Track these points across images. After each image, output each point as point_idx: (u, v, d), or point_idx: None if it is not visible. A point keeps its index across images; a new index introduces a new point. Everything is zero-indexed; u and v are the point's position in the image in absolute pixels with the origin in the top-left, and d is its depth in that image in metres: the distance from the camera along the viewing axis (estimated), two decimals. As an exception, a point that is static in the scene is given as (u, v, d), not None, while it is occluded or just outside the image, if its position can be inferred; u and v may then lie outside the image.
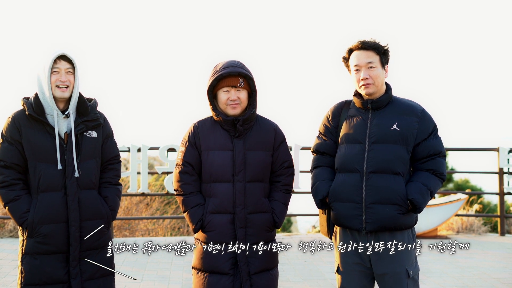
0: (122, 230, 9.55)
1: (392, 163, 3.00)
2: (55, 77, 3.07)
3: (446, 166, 3.52)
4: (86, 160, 3.15)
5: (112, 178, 3.30)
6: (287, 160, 3.23)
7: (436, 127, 3.09)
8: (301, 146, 7.90)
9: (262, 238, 3.13)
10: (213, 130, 3.13)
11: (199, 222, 3.09)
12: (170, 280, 5.59)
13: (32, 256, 3.07)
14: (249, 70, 3.13)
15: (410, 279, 3.04)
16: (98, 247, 3.18)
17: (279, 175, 3.22)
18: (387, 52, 3.08)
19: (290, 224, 14.88)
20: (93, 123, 3.19)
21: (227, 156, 3.08)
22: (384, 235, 3.03)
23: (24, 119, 3.09)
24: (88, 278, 3.14)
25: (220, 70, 3.06)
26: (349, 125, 3.11)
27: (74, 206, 3.08)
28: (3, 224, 8.01)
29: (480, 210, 9.67)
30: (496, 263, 6.52)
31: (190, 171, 3.13)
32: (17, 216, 3.07)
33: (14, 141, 3.07)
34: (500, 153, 8.38)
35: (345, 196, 3.05)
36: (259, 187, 3.13)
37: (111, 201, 3.25)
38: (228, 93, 3.08)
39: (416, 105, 3.11)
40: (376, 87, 3.05)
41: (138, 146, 7.89)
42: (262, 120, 3.22)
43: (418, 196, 2.98)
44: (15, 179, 3.08)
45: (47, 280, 3.07)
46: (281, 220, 3.20)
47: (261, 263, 3.12)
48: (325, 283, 5.54)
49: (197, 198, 3.13)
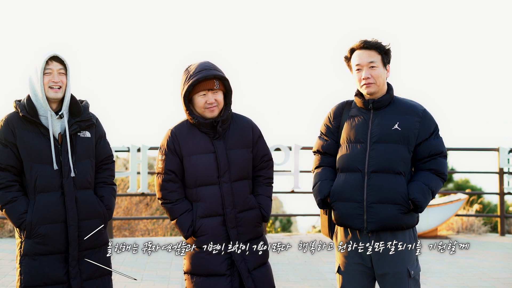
0: (122, 230, 9.55)
1: (393, 162, 2.99)
2: (47, 78, 3.07)
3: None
4: (81, 160, 3.16)
5: (107, 178, 3.31)
6: (266, 153, 3.27)
7: (437, 127, 3.09)
8: (301, 146, 7.90)
9: (253, 234, 3.15)
10: (192, 134, 3.11)
11: (190, 228, 3.07)
12: (170, 280, 5.59)
13: (31, 258, 3.07)
14: (221, 70, 3.12)
15: (411, 279, 3.04)
16: (96, 246, 3.19)
17: (260, 169, 3.24)
18: (389, 51, 3.08)
19: (290, 224, 14.89)
20: (86, 123, 3.20)
21: (209, 158, 3.07)
22: (386, 234, 3.03)
23: (18, 121, 3.10)
24: (87, 278, 3.14)
25: (195, 75, 3.02)
26: (351, 125, 3.11)
27: (72, 205, 3.09)
28: (3, 224, 8.00)
29: (480, 210, 9.66)
30: (496, 263, 6.51)
31: (174, 179, 3.09)
32: (15, 217, 3.06)
33: (9, 143, 3.08)
34: (500, 153, 8.38)
35: (346, 195, 3.05)
36: (245, 185, 3.14)
37: (107, 200, 3.26)
38: (205, 97, 3.05)
39: (418, 105, 3.11)
40: (377, 87, 3.05)
41: (138, 146, 7.88)
42: (237, 118, 3.22)
43: (420, 196, 2.97)
44: (11, 181, 3.08)
45: (47, 281, 3.06)
46: (269, 214, 3.22)
47: (258, 258, 3.14)
48: (325, 283, 5.53)
49: (184, 204, 3.10)
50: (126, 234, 9.61)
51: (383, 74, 3.05)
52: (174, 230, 10.17)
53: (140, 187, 7.92)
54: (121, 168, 12.84)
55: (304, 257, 6.65)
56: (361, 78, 3.05)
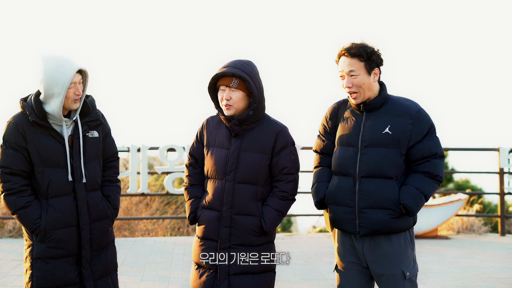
0: (122, 230, 9.55)
1: (384, 167, 2.97)
2: (71, 91, 3.00)
3: (446, 167, 3.50)
4: (90, 162, 3.14)
5: (112, 176, 3.31)
6: (287, 166, 3.11)
7: (432, 127, 3.03)
8: (301, 146, 7.90)
9: (247, 240, 3.08)
10: (218, 127, 3.18)
11: (191, 214, 3.19)
12: (170, 280, 5.59)
13: (43, 261, 3.06)
14: (250, 71, 3.06)
15: (407, 280, 3.03)
16: (105, 246, 3.22)
17: (277, 180, 3.13)
18: (373, 56, 2.98)
19: (290, 224, 14.87)
20: (95, 123, 3.17)
21: (222, 154, 3.11)
22: (379, 238, 3.02)
23: (28, 124, 3.02)
24: (98, 277, 3.17)
25: (218, 70, 3.08)
26: (344, 127, 3.10)
27: (85, 210, 3.09)
28: (3, 224, 8.00)
29: (480, 210, 9.65)
30: (497, 263, 6.51)
31: (194, 164, 3.24)
32: (29, 222, 3.02)
33: (20, 147, 3.01)
34: (501, 153, 8.38)
35: (339, 199, 3.05)
36: (250, 189, 3.08)
37: (113, 200, 3.27)
38: (223, 92, 3.09)
39: (412, 105, 3.05)
40: (361, 95, 3.01)
41: (138, 146, 7.89)
42: (268, 122, 3.15)
43: (410, 201, 2.95)
44: (23, 185, 3.03)
45: (59, 283, 3.07)
46: (270, 227, 3.09)
47: (244, 265, 3.08)
48: (325, 283, 5.53)
49: (196, 190, 3.22)
50: (126, 234, 9.61)
51: (366, 81, 2.98)
52: (174, 230, 10.17)
53: (140, 187, 7.93)
54: (121, 168, 12.84)
55: (304, 257, 6.65)
56: (343, 85, 3.04)
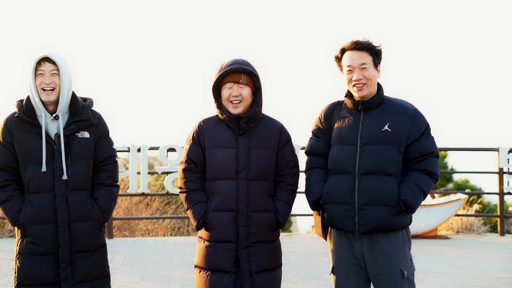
0: (122, 230, 9.55)
1: (384, 164, 2.99)
2: (39, 80, 3.05)
3: (446, 166, 3.53)
4: (77, 161, 3.13)
5: (105, 179, 3.25)
6: (292, 160, 3.23)
7: (428, 127, 3.07)
8: (301, 146, 7.90)
9: (265, 237, 3.13)
10: (218, 128, 3.15)
11: (201, 219, 3.11)
12: (170, 280, 5.59)
13: (24, 257, 3.09)
14: (255, 68, 3.15)
15: (405, 279, 3.04)
16: (90, 249, 3.16)
17: (283, 174, 3.21)
18: (380, 52, 3.06)
19: (290, 224, 14.88)
20: (85, 123, 3.15)
21: (231, 153, 3.09)
22: (378, 236, 3.03)
23: (16, 121, 3.11)
24: (79, 280, 3.11)
25: (226, 67, 3.09)
26: (341, 126, 3.10)
27: (62, 207, 3.08)
28: (3, 224, 8.01)
29: (480, 210, 9.67)
30: (496, 263, 6.52)
31: (193, 169, 3.15)
32: (10, 216, 3.10)
33: (6, 143, 3.11)
34: (500, 153, 8.38)
35: (337, 198, 3.05)
36: (262, 185, 3.13)
37: (101, 202, 3.21)
38: (230, 89, 3.09)
39: (408, 105, 3.09)
40: (368, 87, 3.02)
41: (138, 146, 7.89)
42: (267, 120, 3.23)
43: (411, 197, 2.97)
44: (8, 180, 3.11)
45: (38, 281, 3.07)
46: (285, 220, 3.19)
47: (263, 262, 3.11)
48: (325, 283, 5.54)
49: (200, 195, 3.15)
50: (126, 234, 9.61)
51: (374, 74, 3.04)
52: (174, 230, 10.17)
53: (140, 187, 7.93)
54: (121, 168, 12.85)
55: (304, 257, 6.65)
56: (351, 79, 3.03)
